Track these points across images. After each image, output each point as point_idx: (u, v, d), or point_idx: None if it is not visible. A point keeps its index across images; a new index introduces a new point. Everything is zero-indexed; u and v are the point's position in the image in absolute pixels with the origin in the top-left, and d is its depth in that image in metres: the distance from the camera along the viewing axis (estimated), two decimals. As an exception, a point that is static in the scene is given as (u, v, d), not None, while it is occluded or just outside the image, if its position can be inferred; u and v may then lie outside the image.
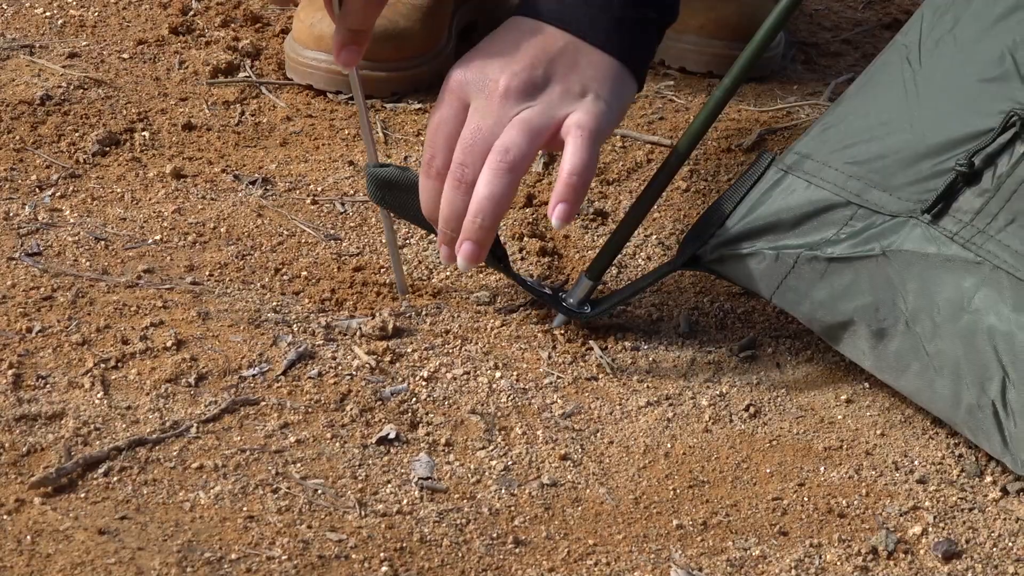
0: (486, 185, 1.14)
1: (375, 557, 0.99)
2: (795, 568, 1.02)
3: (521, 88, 1.15)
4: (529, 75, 1.16)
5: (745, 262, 1.19)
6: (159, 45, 1.63)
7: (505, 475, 1.09)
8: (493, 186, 1.13)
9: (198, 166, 1.43)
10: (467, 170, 1.15)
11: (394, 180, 1.23)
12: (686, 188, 1.46)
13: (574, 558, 1.02)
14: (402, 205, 1.23)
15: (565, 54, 1.17)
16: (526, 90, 1.16)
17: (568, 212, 1.13)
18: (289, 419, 1.11)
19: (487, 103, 1.15)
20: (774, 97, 1.65)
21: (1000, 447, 1.10)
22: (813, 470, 1.12)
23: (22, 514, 1.00)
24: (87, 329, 1.17)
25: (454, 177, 1.15)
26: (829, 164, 1.17)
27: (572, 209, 1.13)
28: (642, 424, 1.15)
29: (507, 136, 1.14)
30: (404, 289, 1.27)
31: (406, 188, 1.22)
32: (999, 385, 1.08)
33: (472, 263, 1.16)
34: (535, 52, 1.17)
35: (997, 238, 1.09)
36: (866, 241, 1.14)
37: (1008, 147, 1.10)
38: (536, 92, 1.16)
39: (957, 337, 1.10)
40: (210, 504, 1.02)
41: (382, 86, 1.58)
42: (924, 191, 1.12)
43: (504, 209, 1.14)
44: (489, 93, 1.16)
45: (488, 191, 1.14)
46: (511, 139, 1.14)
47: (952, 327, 1.10)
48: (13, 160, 1.40)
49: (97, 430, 1.07)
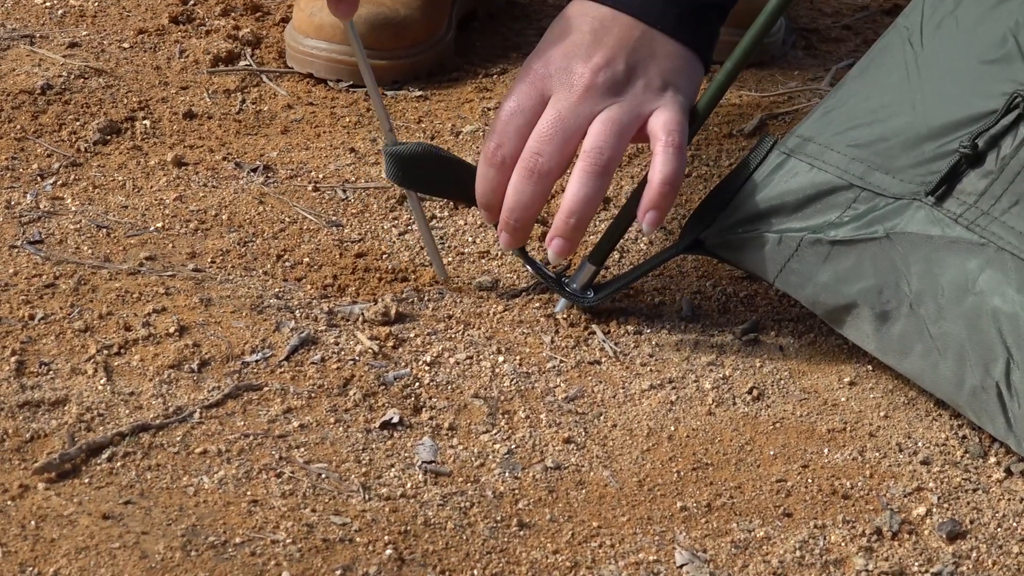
0: (582, 186, 1.14)
1: (379, 540, 0.99)
2: (799, 549, 1.02)
3: (606, 83, 1.15)
4: (613, 69, 1.16)
5: (748, 246, 1.19)
6: (159, 34, 1.63)
7: (509, 458, 1.09)
8: (588, 187, 1.14)
9: (199, 154, 1.43)
10: (542, 159, 1.15)
11: (416, 157, 1.22)
12: (688, 173, 1.46)
13: (578, 540, 1.02)
14: (427, 181, 1.22)
15: (643, 44, 1.17)
16: (611, 85, 1.16)
17: (658, 219, 1.15)
18: (292, 404, 1.11)
19: (571, 96, 1.15)
20: (775, 82, 1.65)
21: (1004, 429, 1.09)
22: (817, 452, 1.12)
23: (26, 500, 1.00)
24: (89, 316, 1.17)
25: (526, 166, 1.15)
26: (831, 147, 1.17)
27: (662, 216, 1.15)
28: (645, 407, 1.15)
29: (598, 136, 1.14)
30: (444, 273, 1.26)
31: (432, 163, 1.21)
32: (1003, 366, 1.08)
33: (563, 258, 1.18)
34: (615, 43, 1.16)
35: (1001, 219, 1.09)
36: (869, 224, 1.14)
37: (1012, 129, 1.09)
38: (620, 87, 1.16)
39: (961, 319, 1.09)
40: (214, 489, 1.02)
41: (383, 74, 1.58)
42: (927, 173, 1.12)
43: (596, 209, 1.16)
44: (574, 87, 1.15)
45: (584, 192, 1.14)
46: (604, 139, 1.14)
47: (956, 309, 1.10)
48: (14, 149, 1.40)
49: (100, 416, 1.07)
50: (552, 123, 1.15)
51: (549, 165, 1.15)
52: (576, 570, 0.99)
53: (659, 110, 1.16)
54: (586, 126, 1.16)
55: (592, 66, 1.16)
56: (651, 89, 1.17)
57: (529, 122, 1.16)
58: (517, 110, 1.16)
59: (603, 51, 1.16)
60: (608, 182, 1.15)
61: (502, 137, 1.17)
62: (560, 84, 1.16)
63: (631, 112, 1.16)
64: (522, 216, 1.17)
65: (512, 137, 1.16)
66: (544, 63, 1.17)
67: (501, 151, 1.16)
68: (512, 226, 1.17)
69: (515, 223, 1.17)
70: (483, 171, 1.18)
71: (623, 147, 1.16)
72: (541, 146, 1.15)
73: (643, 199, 1.15)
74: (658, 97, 1.17)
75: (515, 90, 1.17)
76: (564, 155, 1.16)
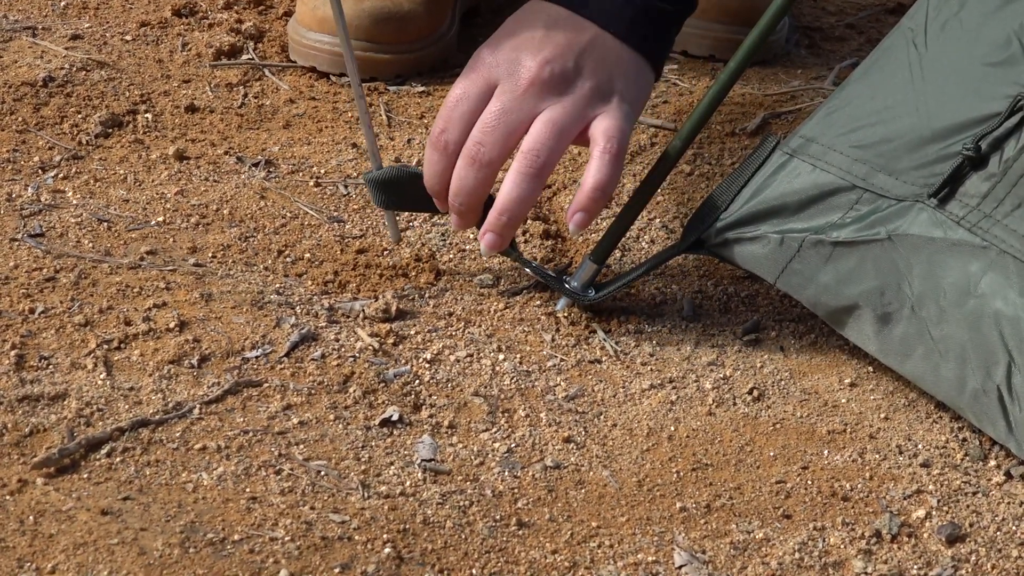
0: (515, 187, 1.15)
1: (378, 539, 0.99)
2: (798, 551, 1.02)
3: (553, 79, 1.16)
4: (562, 66, 1.16)
5: (749, 246, 1.19)
6: (162, 27, 1.63)
7: (508, 457, 1.08)
8: (522, 188, 1.15)
9: (201, 148, 1.43)
10: (483, 149, 1.16)
11: (394, 178, 1.24)
12: (690, 172, 1.46)
13: (577, 540, 1.02)
14: (411, 199, 1.24)
15: (594, 47, 1.17)
16: (557, 82, 1.16)
17: (586, 221, 1.16)
18: (292, 401, 1.11)
19: (516, 88, 1.16)
20: (778, 81, 1.65)
21: (1005, 432, 1.09)
22: (817, 453, 1.11)
23: (25, 495, 0.99)
24: (90, 310, 1.17)
25: (469, 155, 1.16)
26: (834, 148, 1.16)
27: (590, 219, 1.16)
28: (645, 407, 1.15)
29: (537, 137, 1.15)
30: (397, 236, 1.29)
31: (409, 181, 1.23)
32: (1005, 370, 1.08)
33: (494, 251, 1.19)
34: (566, 41, 1.17)
35: (1004, 222, 1.09)
36: (871, 225, 1.14)
37: (1015, 131, 1.09)
38: (566, 85, 1.16)
39: (963, 321, 1.09)
40: (213, 485, 1.02)
41: (385, 69, 1.58)
42: (930, 175, 1.12)
43: (529, 208, 1.17)
44: (519, 79, 1.16)
45: (517, 193, 1.15)
46: (541, 141, 1.15)
47: (958, 311, 1.09)
48: (16, 142, 1.40)
49: (100, 411, 1.07)
50: (496, 115, 1.16)
51: (491, 155, 1.16)
52: (575, 570, 0.99)
53: (602, 115, 1.17)
54: (529, 121, 1.16)
55: (540, 60, 1.16)
56: (598, 92, 1.17)
57: (474, 110, 1.17)
58: (463, 97, 1.17)
59: (553, 47, 1.17)
60: (543, 183, 1.16)
61: (447, 123, 1.18)
62: (507, 75, 1.17)
63: (574, 114, 1.16)
64: (466, 200, 1.18)
65: (457, 123, 1.17)
66: (493, 53, 1.17)
67: (445, 136, 1.17)
68: (458, 209, 1.19)
69: (460, 207, 1.18)
70: (429, 154, 1.19)
71: (562, 149, 1.16)
72: (484, 136, 1.16)
73: (574, 200, 1.16)
74: (603, 102, 1.17)
75: (463, 77, 1.18)
76: (506, 146, 1.16)
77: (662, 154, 1.22)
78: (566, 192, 1.40)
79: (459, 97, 1.17)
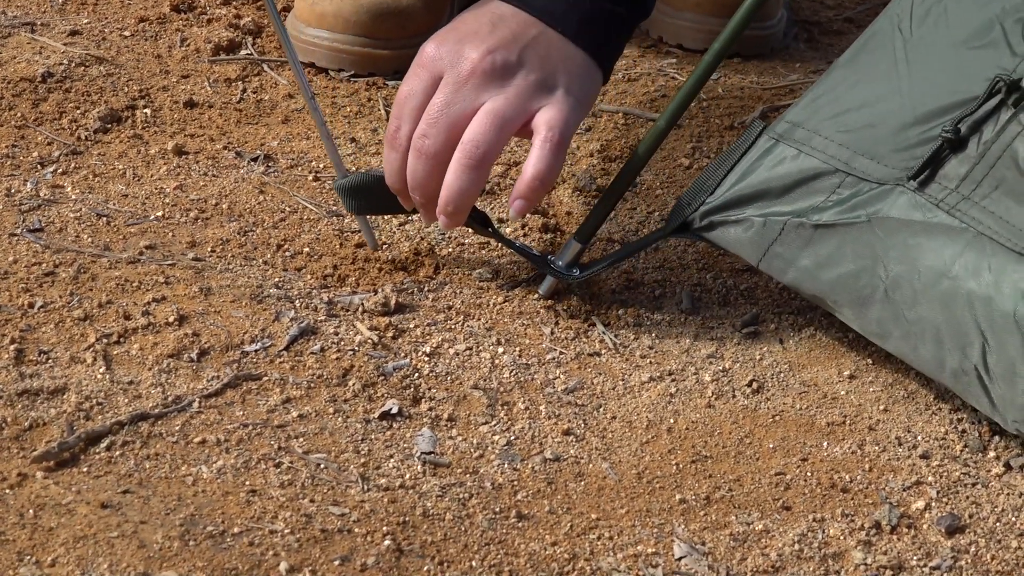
0: (456, 179, 1.16)
1: (378, 531, 0.99)
2: (798, 543, 1.02)
3: (494, 69, 1.16)
4: (504, 57, 1.16)
5: (733, 229, 1.19)
6: (160, 23, 1.63)
7: (508, 450, 1.08)
8: (463, 180, 1.16)
9: (200, 143, 1.43)
10: (428, 141, 1.17)
11: (363, 184, 1.25)
12: (688, 165, 1.46)
13: (577, 532, 1.02)
14: (382, 204, 1.25)
15: (539, 42, 1.18)
16: (499, 73, 1.16)
17: (525, 208, 1.17)
18: (291, 394, 1.11)
19: (458, 79, 1.16)
20: (777, 75, 1.65)
21: (989, 408, 1.10)
22: (816, 445, 1.11)
23: (24, 488, 0.99)
24: (89, 305, 1.17)
25: (416, 148, 1.17)
26: (819, 132, 1.17)
27: (529, 206, 1.17)
28: (645, 399, 1.15)
29: (477, 129, 1.15)
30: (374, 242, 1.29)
31: (378, 186, 1.24)
32: (979, 350, 1.08)
33: (451, 228, 1.21)
34: (510, 36, 1.17)
35: (982, 204, 1.09)
36: (852, 208, 1.14)
37: (993, 114, 1.09)
38: (508, 76, 1.16)
39: (936, 303, 1.09)
40: (212, 478, 1.02)
41: (384, 64, 1.58)
42: (911, 159, 1.12)
43: (474, 198, 1.17)
44: (461, 70, 1.16)
45: (458, 185, 1.16)
46: (481, 133, 1.15)
47: (931, 293, 1.10)
48: (15, 137, 1.40)
49: (99, 405, 1.07)
50: (439, 107, 1.16)
51: (435, 147, 1.16)
52: (574, 562, 0.99)
53: (546, 107, 1.17)
54: (472, 112, 1.16)
55: (483, 50, 1.16)
56: (541, 85, 1.17)
57: (423, 103, 1.18)
58: (411, 93, 1.18)
59: (496, 39, 1.17)
60: (486, 174, 1.16)
61: (399, 120, 1.19)
62: (450, 66, 1.17)
63: (516, 106, 1.16)
64: (424, 193, 1.18)
65: (408, 119, 1.18)
66: (437, 46, 1.18)
67: (400, 133, 1.18)
68: (421, 203, 1.19)
69: (421, 199, 1.19)
70: (386, 153, 1.20)
71: (503, 140, 1.16)
72: (427, 128, 1.17)
73: (515, 187, 1.17)
74: (547, 95, 1.17)
75: (410, 73, 1.19)
76: (451, 137, 1.16)
77: (648, 132, 1.22)
78: (564, 186, 1.40)
79: (407, 94, 1.18)
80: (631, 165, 1.22)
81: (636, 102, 1.56)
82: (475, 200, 1.17)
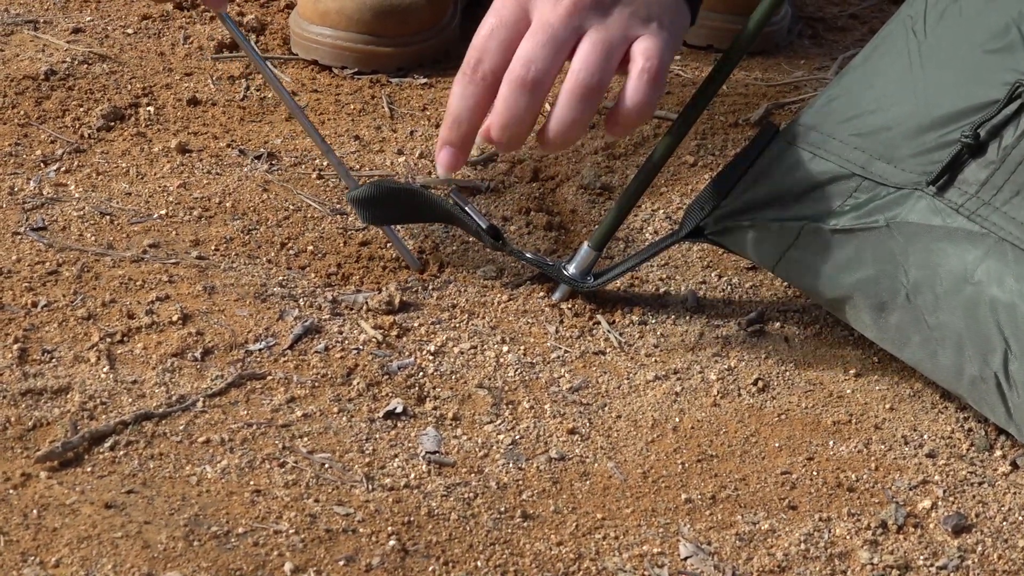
0: (569, 111, 1.11)
1: (382, 531, 0.99)
2: (804, 542, 1.02)
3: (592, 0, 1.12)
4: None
5: (748, 233, 1.18)
6: (163, 20, 1.63)
7: (513, 449, 1.08)
8: (575, 111, 1.11)
9: (203, 141, 1.42)
10: (535, 67, 1.11)
11: (375, 196, 1.23)
12: (693, 163, 1.45)
13: (582, 532, 1.01)
14: (396, 213, 1.24)
15: None
16: (599, 2, 1.12)
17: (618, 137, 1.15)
18: (296, 393, 1.11)
19: (556, 10, 1.12)
20: (781, 71, 1.65)
21: (1005, 418, 1.09)
22: (822, 444, 1.11)
23: (28, 488, 0.99)
24: (93, 304, 1.17)
25: (519, 76, 1.11)
26: (834, 136, 1.16)
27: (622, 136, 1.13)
28: (650, 398, 1.14)
29: (586, 58, 1.11)
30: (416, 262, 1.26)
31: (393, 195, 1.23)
32: (1001, 357, 1.07)
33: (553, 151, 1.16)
34: None
35: (1002, 210, 1.08)
36: (870, 213, 1.13)
37: (1014, 118, 1.09)
38: (606, 6, 1.13)
39: (959, 309, 1.09)
40: (217, 478, 1.02)
41: (387, 61, 1.57)
42: (929, 163, 1.12)
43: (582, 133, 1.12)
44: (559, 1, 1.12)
45: (571, 116, 1.11)
46: (594, 62, 1.11)
47: (954, 299, 1.09)
48: (18, 135, 1.40)
49: (103, 404, 1.07)
50: (543, 30, 1.11)
51: (543, 75, 1.11)
52: (580, 562, 0.99)
53: (643, 37, 1.13)
54: (574, 40, 1.12)
55: None
56: (639, 16, 1.13)
57: (512, 37, 1.12)
58: (499, 25, 1.13)
59: None
60: (595, 108, 1.12)
61: (483, 53, 1.13)
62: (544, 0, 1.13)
63: (619, 33, 1.12)
64: (517, 131, 1.12)
65: (495, 52, 1.13)
66: None
67: (483, 66, 1.13)
68: (507, 140, 1.13)
69: (510, 139, 1.13)
70: (462, 89, 1.13)
71: (611, 70, 1.12)
72: (534, 53, 1.11)
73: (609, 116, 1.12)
74: (643, 26, 1.13)
75: (495, 8, 1.14)
76: (556, 65, 1.12)
77: (663, 136, 1.21)
78: (569, 184, 1.40)
79: (494, 25, 1.13)
80: (645, 171, 1.21)
81: (640, 99, 1.56)
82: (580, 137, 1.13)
